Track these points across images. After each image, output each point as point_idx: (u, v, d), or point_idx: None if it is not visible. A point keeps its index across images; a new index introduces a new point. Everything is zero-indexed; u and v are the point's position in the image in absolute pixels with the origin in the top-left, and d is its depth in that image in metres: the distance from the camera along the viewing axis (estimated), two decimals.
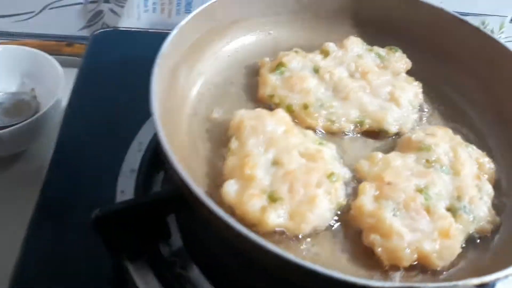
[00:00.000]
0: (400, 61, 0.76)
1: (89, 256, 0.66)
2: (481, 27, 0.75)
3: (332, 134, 0.68)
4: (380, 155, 0.63)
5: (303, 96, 0.68)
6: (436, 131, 0.66)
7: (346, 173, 0.61)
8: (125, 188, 0.69)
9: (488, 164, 0.65)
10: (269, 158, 0.59)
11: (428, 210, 0.57)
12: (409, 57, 0.77)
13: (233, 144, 0.61)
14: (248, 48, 0.77)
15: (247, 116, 0.63)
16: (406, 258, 0.53)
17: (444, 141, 0.65)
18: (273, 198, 0.55)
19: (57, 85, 0.97)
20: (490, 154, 0.67)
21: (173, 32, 0.63)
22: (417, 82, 0.75)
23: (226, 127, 0.64)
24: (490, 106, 0.74)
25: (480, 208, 0.59)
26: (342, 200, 0.58)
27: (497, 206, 0.62)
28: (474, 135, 0.71)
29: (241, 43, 0.77)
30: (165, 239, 0.65)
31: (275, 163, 0.59)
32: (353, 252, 0.56)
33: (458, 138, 0.67)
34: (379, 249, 0.54)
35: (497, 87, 0.74)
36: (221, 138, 0.64)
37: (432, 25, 0.78)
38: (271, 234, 0.55)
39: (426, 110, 0.74)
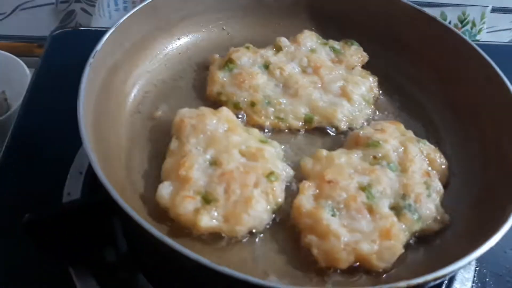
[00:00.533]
0: (356, 54, 0.74)
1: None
2: (439, 17, 0.73)
3: (281, 132, 0.66)
4: (324, 152, 0.61)
5: (251, 93, 0.67)
6: (387, 127, 0.64)
7: (289, 172, 0.60)
8: (72, 190, 0.68)
9: (439, 159, 0.62)
10: (207, 158, 0.57)
11: (370, 209, 0.55)
12: (366, 50, 0.76)
13: (173, 144, 0.59)
14: (200, 45, 0.76)
15: (188, 114, 0.61)
16: (343, 259, 0.51)
17: (393, 136, 0.62)
18: (207, 200, 0.54)
19: (25, 86, 0.96)
20: (443, 146, 0.65)
21: (110, 31, 0.62)
22: (373, 76, 0.72)
23: (169, 126, 0.62)
24: (446, 97, 0.72)
25: (427, 207, 0.57)
26: (281, 200, 0.56)
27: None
28: (429, 127, 0.70)
29: (193, 39, 0.76)
30: (108, 244, 0.63)
31: (214, 163, 0.57)
32: (292, 253, 0.54)
33: (409, 133, 0.64)
34: (316, 251, 0.52)
35: (453, 78, 0.72)
36: (164, 137, 0.62)
37: (390, 16, 0.76)
38: (210, 237, 0.54)
39: (381, 103, 0.72)
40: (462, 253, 0.48)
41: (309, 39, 0.74)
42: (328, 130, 0.67)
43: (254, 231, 0.54)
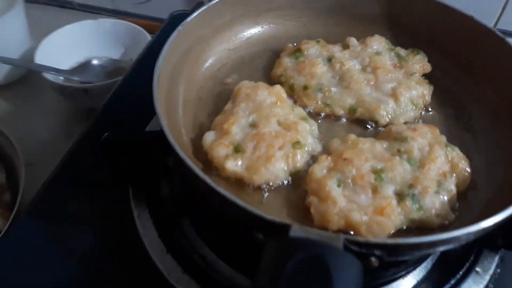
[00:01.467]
0: (418, 63, 0.79)
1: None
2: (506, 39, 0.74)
3: (325, 116, 0.74)
4: (353, 136, 0.67)
5: (307, 79, 0.76)
6: (420, 127, 0.68)
7: (316, 147, 0.68)
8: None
9: (463, 166, 0.65)
10: (249, 120, 0.68)
11: (374, 189, 0.61)
12: (433, 62, 0.80)
13: (228, 105, 0.72)
14: (280, 35, 0.87)
15: (246, 85, 0.73)
16: (334, 222, 0.58)
17: (423, 137, 0.67)
18: (237, 150, 0.65)
19: None
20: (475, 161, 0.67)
21: (203, 7, 0.76)
22: (429, 85, 0.77)
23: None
24: (500, 122, 0.73)
25: (431, 201, 0.60)
26: (300, 166, 0.65)
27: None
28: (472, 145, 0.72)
29: (274, 29, 0.87)
30: (164, 177, 0.77)
31: (253, 125, 0.68)
32: (295, 208, 0.62)
33: (442, 138, 0.68)
34: (313, 210, 0.60)
35: None
36: (226, 100, 0.74)
37: (463, 35, 0.79)
38: (235, 182, 0.65)
39: (430, 111, 0.76)
40: None
41: (377, 42, 0.80)
42: (368, 124, 0.73)
43: (271, 183, 0.64)
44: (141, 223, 0.72)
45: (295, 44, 0.83)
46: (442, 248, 0.59)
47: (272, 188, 0.64)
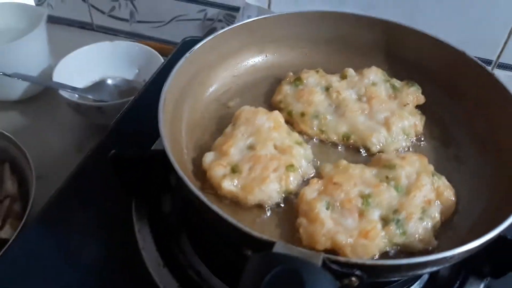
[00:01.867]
0: (412, 94, 0.82)
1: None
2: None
3: (320, 143, 0.78)
4: (344, 162, 0.71)
5: (305, 106, 0.80)
6: (409, 156, 0.72)
7: (309, 171, 0.72)
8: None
9: (448, 194, 0.68)
10: (247, 143, 0.73)
11: (361, 213, 0.64)
12: (426, 93, 0.83)
13: (228, 128, 0.76)
14: (282, 63, 0.91)
15: (247, 109, 0.78)
16: (320, 242, 0.61)
17: (412, 165, 0.70)
18: (234, 170, 0.69)
19: None
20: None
21: (210, 37, 0.81)
22: (422, 115, 0.80)
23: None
24: (492, 155, 0.76)
25: (414, 226, 0.63)
26: (293, 188, 0.69)
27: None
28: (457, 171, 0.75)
29: (278, 58, 0.92)
30: (166, 193, 0.81)
31: (250, 147, 0.72)
32: (286, 229, 0.66)
33: (430, 167, 0.71)
34: (301, 231, 0.63)
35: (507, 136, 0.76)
36: (227, 123, 0.78)
37: (455, 68, 0.83)
38: (232, 203, 0.69)
39: (422, 142, 0.79)
40: None
41: (374, 74, 0.85)
42: (360, 150, 0.77)
43: (265, 205, 0.68)
44: (141, 236, 0.75)
45: (295, 72, 0.87)
46: (421, 271, 0.62)
47: (268, 209, 0.68)
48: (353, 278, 0.52)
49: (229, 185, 0.68)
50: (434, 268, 0.58)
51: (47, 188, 0.96)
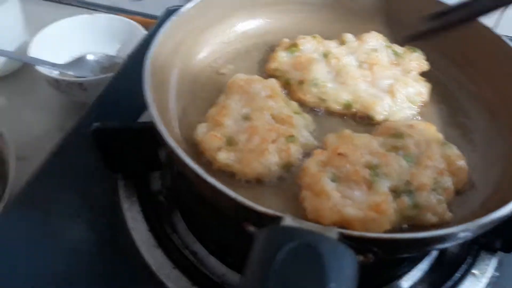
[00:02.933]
0: (415, 60, 0.77)
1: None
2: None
3: (320, 112, 0.73)
4: (348, 132, 0.66)
5: (303, 73, 0.74)
6: (417, 124, 0.67)
7: (311, 142, 0.66)
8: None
9: (460, 164, 0.63)
10: (242, 112, 0.67)
11: (369, 185, 0.59)
12: (431, 61, 0.78)
13: (220, 98, 0.71)
14: (276, 29, 0.85)
15: (240, 77, 0.72)
16: (326, 216, 0.56)
17: (420, 134, 0.65)
18: (230, 142, 0.64)
19: None
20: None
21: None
22: (427, 83, 0.76)
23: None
24: (504, 126, 0.71)
25: (427, 198, 0.59)
26: (293, 159, 0.63)
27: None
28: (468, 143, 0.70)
29: (271, 24, 0.86)
30: (155, 170, 0.76)
31: (246, 118, 0.66)
32: (290, 203, 0.61)
33: (439, 136, 0.67)
34: (306, 204, 0.58)
35: None
36: (220, 91, 0.73)
37: (461, 33, 0.77)
38: (227, 175, 0.63)
39: (427, 109, 0.75)
40: None
41: (374, 39, 0.79)
42: (364, 119, 0.72)
43: (262, 179, 0.62)
44: (131, 215, 0.70)
45: (291, 39, 0.81)
46: (439, 246, 0.58)
47: (267, 183, 0.63)
48: (370, 255, 0.48)
49: (225, 158, 0.62)
50: (453, 243, 0.53)
51: (28, 169, 0.90)
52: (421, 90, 0.74)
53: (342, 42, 0.80)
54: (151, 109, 0.58)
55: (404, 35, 0.69)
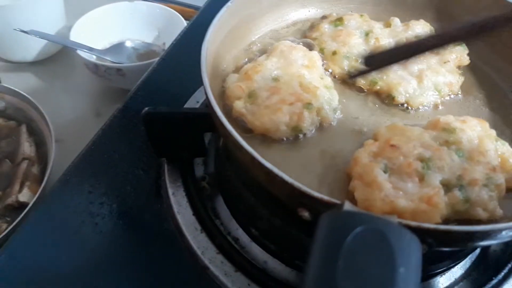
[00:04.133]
0: (457, 53, 0.76)
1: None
2: None
3: (345, 85, 0.74)
4: (400, 124, 0.66)
5: (339, 45, 0.75)
6: (470, 120, 0.66)
7: (331, 117, 0.68)
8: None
9: None
10: (274, 73, 0.69)
11: (421, 177, 0.59)
12: (479, 55, 0.78)
13: (261, 57, 0.72)
14: None
15: (285, 43, 0.73)
16: (377, 207, 0.55)
17: (472, 129, 0.64)
18: (250, 95, 0.66)
19: None
20: None
21: None
22: (461, 76, 0.75)
23: None
24: None
25: (479, 193, 0.58)
26: (305, 126, 0.64)
27: None
28: None
29: (321, 15, 0.84)
30: (200, 156, 0.76)
31: (275, 79, 0.68)
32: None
33: (492, 131, 0.66)
34: (357, 194, 0.58)
35: None
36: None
37: None
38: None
39: (478, 106, 0.74)
40: None
41: (421, 27, 0.79)
42: (385, 98, 0.72)
43: (268, 134, 0.63)
44: (176, 200, 0.71)
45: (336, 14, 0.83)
46: (492, 241, 0.57)
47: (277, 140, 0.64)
48: (424, 246, 0.47)
49: (241, 107, 0.64)
50: (507, 239, 0.52)
51: (64, 152, 0.91)
52: (451, 81, 0.73)
53: (388, 25, 0.80)
54: (208, 93, 0.58)
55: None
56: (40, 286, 0.65)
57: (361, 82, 0.73)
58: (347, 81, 0.73)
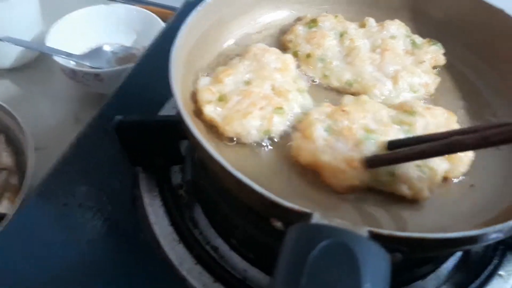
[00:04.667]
0: (432, 53, 0.76)
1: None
2: None
3: (320, 87, 0.73)
4: (366, 97, 0.67)
5: (314, 48, 0.74)
6: (436, 109, 0.66)
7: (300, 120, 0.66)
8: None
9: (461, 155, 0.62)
10: (246, 77, 0.68)
11: (357, 144, 0.60)
12: (455, 55, 0.77)
13: (234, 60, 0.72)
14: None
15: (259, 46, 0.73)
16: (304, 156, 0.60)
17: (435, 118, 0.64)
18: (220, 99, 0.65)
19: None
20: None
21: None
22: (436, 76, 0.74)
23: None
24: None
25: (406, 171, 0.59)
26: (275, 130, 0.64)
27: None
28: None
29: (295, 16, 0.84)
30: (176, 164, 0.75)
31: (247, 82, 0.67)
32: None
33: (456, 126, 0.65)
34: (293, 143, 0.62)
35: None
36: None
37: (489, 26, 0.76)
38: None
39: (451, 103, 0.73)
40: None
41: (396, 27, 0.78)
42: None
43: (239, 138, 0.63)
44: (152, 210, 0.70)
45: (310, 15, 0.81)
46: (469, 247, 0.56)
47: (246, 144, 0.63)
48: (398, 254, 0.47)
49: (211, 111, 0.63)
50: (483, 244, 0.52)
51: (45, 160, 0.90)
52: (427, 81, 0.72)
53: (363, 25, 0.79)
54: (178, 102, 0.57)
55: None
56: None
57: (336, 84, 0.72)
58: (323, 84, 0.73)
